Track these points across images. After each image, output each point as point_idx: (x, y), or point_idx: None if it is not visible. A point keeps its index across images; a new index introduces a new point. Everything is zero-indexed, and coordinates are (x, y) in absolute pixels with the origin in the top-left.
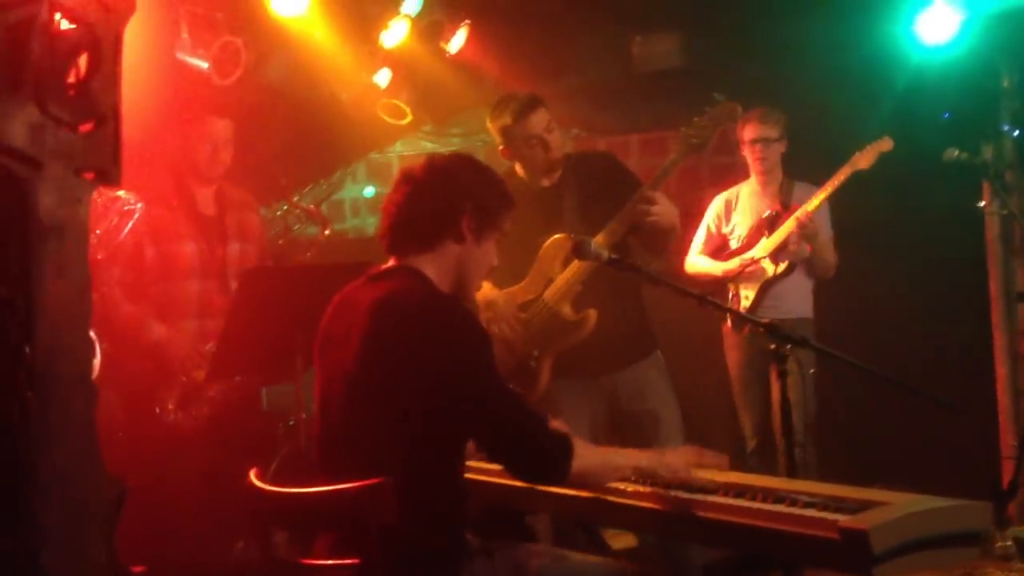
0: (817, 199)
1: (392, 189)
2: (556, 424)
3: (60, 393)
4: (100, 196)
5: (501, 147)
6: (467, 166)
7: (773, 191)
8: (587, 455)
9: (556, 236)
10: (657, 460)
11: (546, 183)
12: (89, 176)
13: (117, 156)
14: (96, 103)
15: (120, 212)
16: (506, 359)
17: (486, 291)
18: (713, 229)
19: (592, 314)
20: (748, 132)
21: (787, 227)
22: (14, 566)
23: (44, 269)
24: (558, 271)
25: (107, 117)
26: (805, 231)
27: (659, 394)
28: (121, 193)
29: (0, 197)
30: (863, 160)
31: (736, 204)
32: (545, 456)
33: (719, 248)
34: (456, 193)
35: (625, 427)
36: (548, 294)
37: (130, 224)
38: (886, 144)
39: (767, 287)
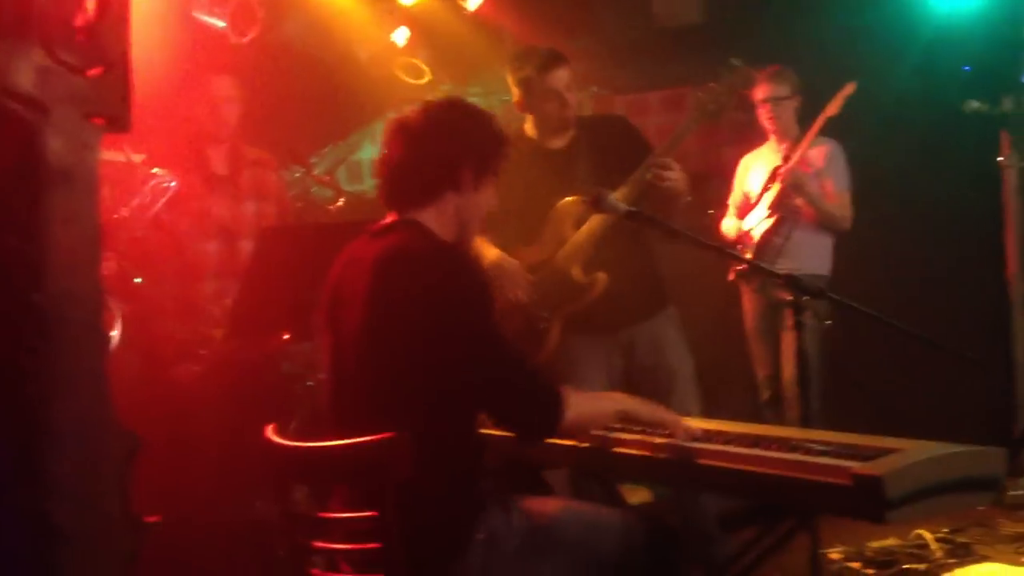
0: (799, 152)
1: (386, 142)
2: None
3: (70, 342)
4: (136, 171)
5: (517, 99)
6: (462, 113)
7: (787, 147)
8: (577, 405)
9: (568, 199)
10: (637, 402)
11: (558, 144)
12: (98, 121)
13: (127, 102)
14: (104, 48)
15: (154, 190)
16: (515, 321)
17: (495, 253)
18: (738, 192)
19: (601, 277)
20: (759, 92)
21: (777, 183)
22: (27, 515)
23: (53, 215)
24: (570, 233)
25: (116, 62)
26: (787, 182)
27: (674, 349)
28: (156, 170)
29: (7, 142)
30: (832, 108)
31: (755, 163)
32: (536, 408)
33: (745, 208)
34: (455, 143)
35: (640, 381)
36: (559, 256)
37: (162, 201)
38: (850, 88)
39: (764, 240)
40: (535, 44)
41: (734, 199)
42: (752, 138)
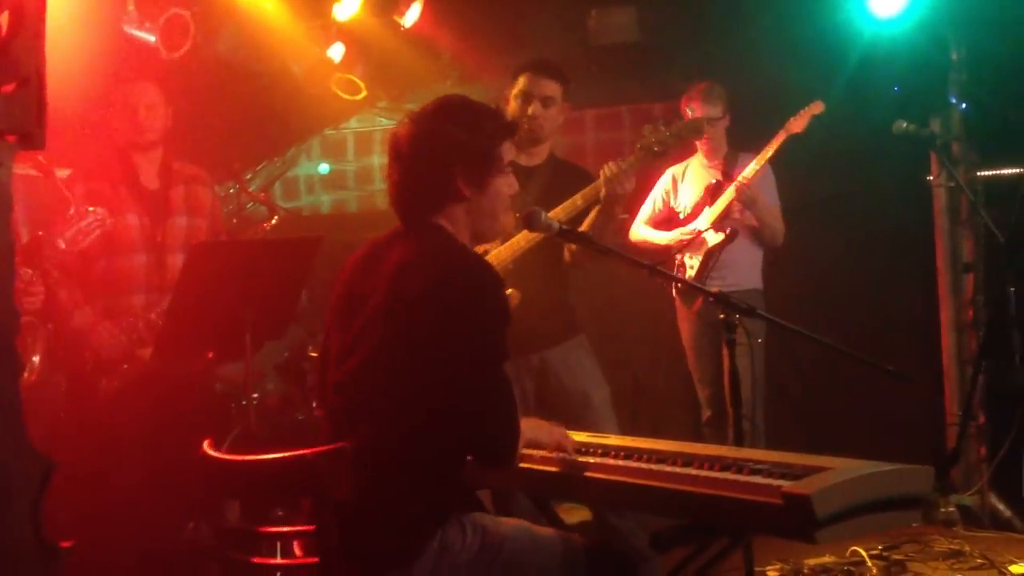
0: (755, 165)
1: (387, 164)
2: None
3: None
4: (72, 207)
5: (504, 96)
6: (449, 120)
7: (718, 163)
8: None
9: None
10: (539, 430)
11: (526, 162)
12: (11, 139)
13: (41, 119)
14: (18, 64)
15: (88, 227)
16: None
17: None
18: (660, 203)
19: (514, 294)
20: (691, 112)
21: (728, 195)
22: None
23: None
24: (494, 247)
25: (30, 78)
26: (743, 197)
27: (589, 374)
28: (92, 209)
29: None
30: (796, 124)
31: (683, 177)
32: (506, 441)
33: (665, 221)
34: (441, 160)
35: (554, 405)
36: None
37: (94, 236)
38: (817, 107)
39: (710, 256)
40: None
41: (652, 210)
42: (689, 154)
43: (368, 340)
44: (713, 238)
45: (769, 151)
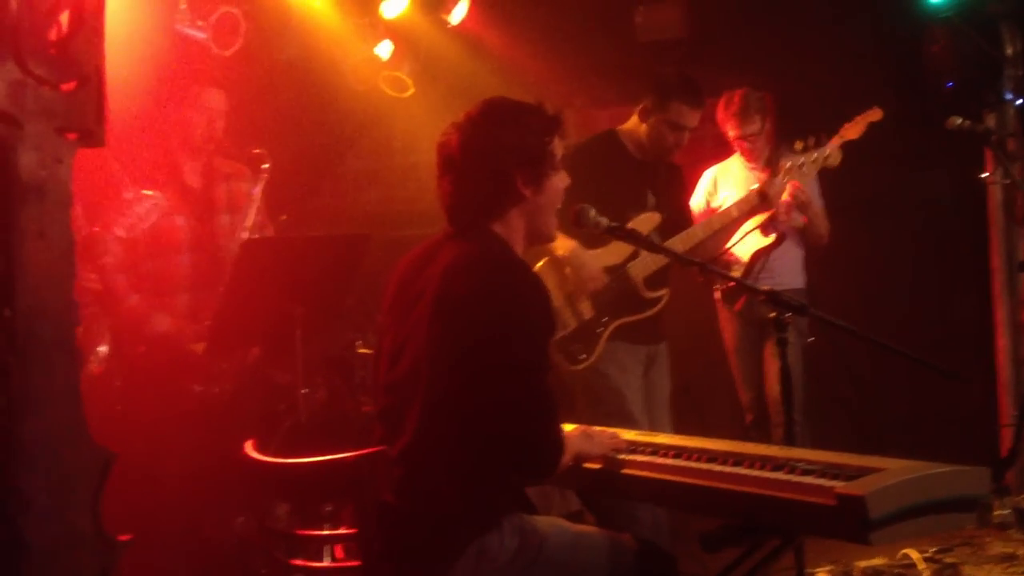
0: (810, 169)
1: (438, 173)
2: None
3: (42, 357)
4: (127, 192)
5: (648, 105)
6: (500, 123)
7: (760, 164)
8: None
9: (648, 213)
10: (583, 439)
11: (642, 158)
12: (71, 136)
13: (100, 116)
14: (78, 62)
15: (145, 210)
16: (571, 320)
17: (574, 245)
18: (702, 204)
19: (666, 294)
20: (730, 128)
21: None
22: None
23: (25, 229)
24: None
25: (90, 77)
26: (798, 201)
27: (668, 373)
28: (146, 192)
29: None
30: (852, 130)
31: (724, 178)
32: (546, 453)
33: None
34: (499, 166)
35: (646, 393)
36: (632, 268)
37: (151, 222)
38: (875, 115)
39: (756, 259)
40: (685, 72)
41: (695, 211)
42: (731, 152)
43: (416, 342)
44: (760, 241)
45: (823, 156)
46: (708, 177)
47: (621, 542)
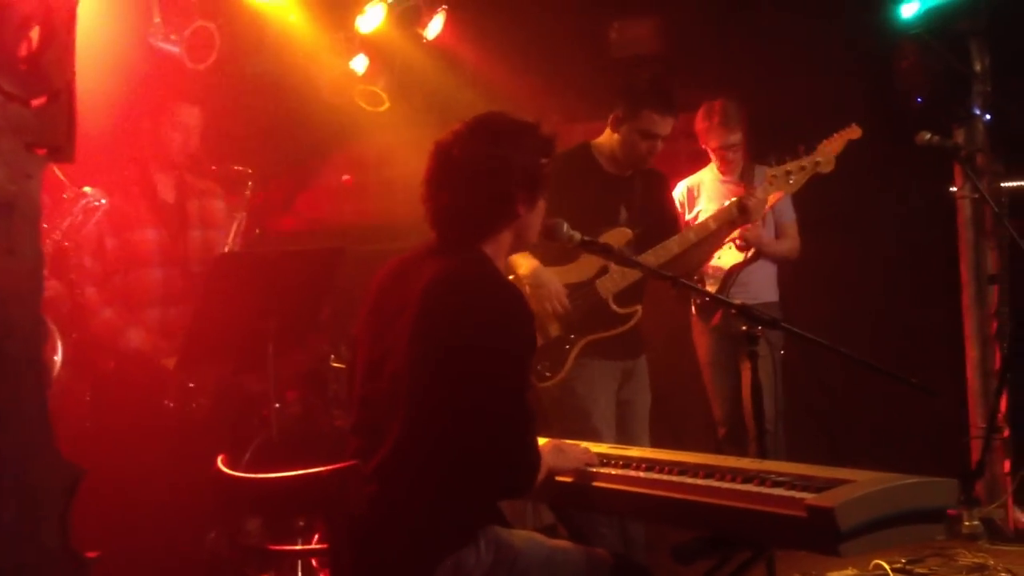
0: (785, 191)
1: (432, 176)
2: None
3: (10, 374)
4: (66, 191)
5: (619, 114)
6: (505, 142)
7: (735, 177)
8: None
9: (619, 228)
10: (563, 455)
11: (616, 172)
12: (41, 152)
13: (71, 132)
14: (49, 78)
15: (85, 208)
16: (540, 336)
17: (531, 264)
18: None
19: (639, 310)
20: (712, 139)
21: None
22: None
23: None
24: (615, 263)
25: (60, 92)
26: (747, 243)
27: (648, 387)
28: (87, 189)
29: None
30: (832, 147)
31: (699, 191)
32: (524, 473)
33: None
34: (504, 187)
35: (617, 406)
36: (601, 284)
37: (93, 219)
38: (854, 132)
39: (730, 275)
40: (660, 75)
41: None
42: (705, 167)
43: (396, 357)
44: (733, 257)
45: (813, 164)
46: (681, 189)
47: (596, 557)
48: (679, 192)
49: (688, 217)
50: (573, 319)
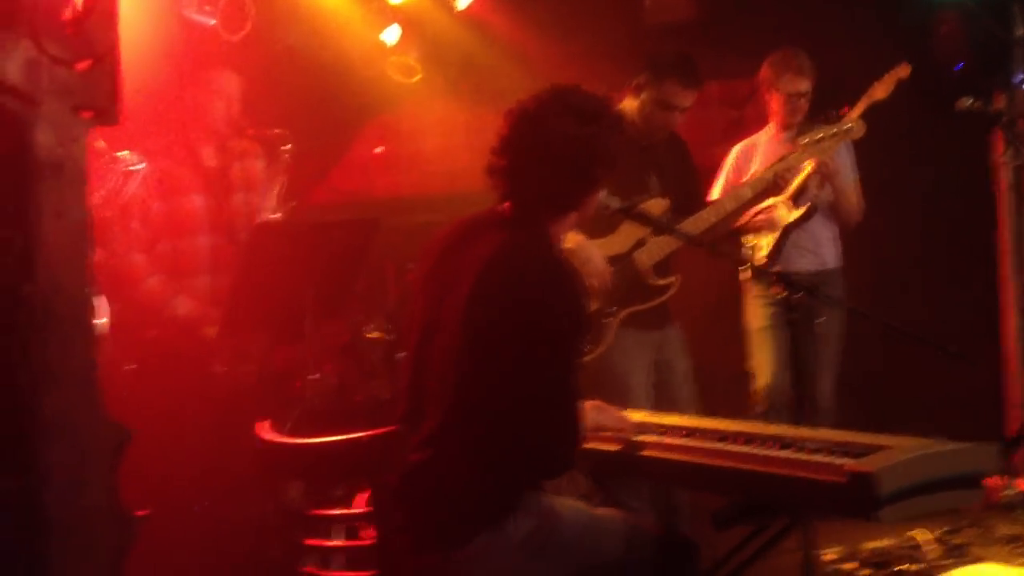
0: (839, 141)
1: (512, 145)
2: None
3: (59, 334)
4: (101, 156)
5: (641, 82)
6: (591, 116)
7: (791, 135)
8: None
9: (656, 199)
10: (597, 413)
11: (641, 140)
12: (87, 115)
13: (115, 95)
14: (93, 41)
15: (123, 172)
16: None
17: (581, 240)
18: (731, 177)
19: (677, 280)
20: (787, 84)
21: (806, 170)
22: (16, 505)
23: (42, 208)
24: (651, 234)
25: (105, 55)
26: (825, 170)
27: (687, 353)
28: (124, 153)
29: None
30: (880, 89)
31: (755, 152)
32: (564, 450)
33: None
34: (590, 165)
35: (659, 373)
36: (639, 255)
37: (132, 184)
38: (904, 70)
39: (786, 234)
40: (682, 50)
41: (719, 185)
42: (746, 134)
43: (449, 327)
44: (788, 215)
45: (843, 130)
46: (737, 151)
47: (640, 527)
48: (734, 153)
49: (744, 179)
50: (613, 292)
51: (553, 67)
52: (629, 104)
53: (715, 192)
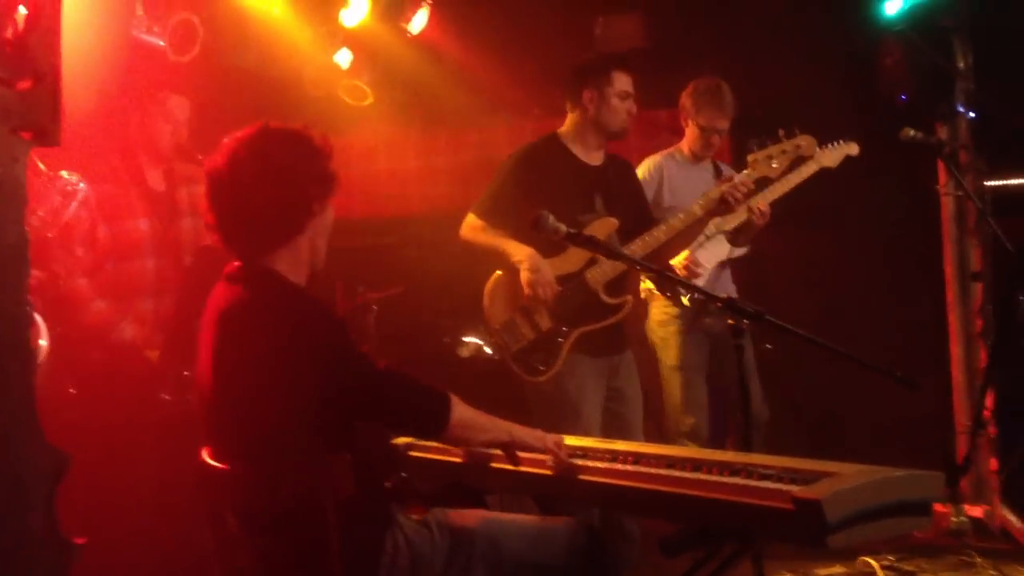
0: (780, 190)
1: (208, 190)
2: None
3: None
4: (39, 176)
5: (592, 92)
6: (284, 143)
7: (705, 165)
8: (464, 408)
9: (604, 218)
10: (527, 431)
11: (593, 161)
12: (27, 135)
13: (56, 115)
14: (34, 60)
15: (62, 192)
16: (528, 332)
17: (531, 251)
18: (653, 196)
19: (630, 300)
20: (707, 119)
21: (742, 211)
22: None
23: None
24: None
25: (46, 75)
26: (764, 218)
27: (637, 379)
28: (63, 173)
29: None
30: (829, 158)
31: (678, 172)
32: (428, 404)
33: None
34: (299, 181)
35: (610, 400)
36: (590, 274)
37: (73, 204)
38: (853, 149)
39: (722, 268)
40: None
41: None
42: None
43: (210, 385)
44: (729, 250)
45: (796, 180)
46: (656, 169)
47: (550, 523)
48: (655, 172)
49: (670, 202)
50: (565, 311)
51: (503, 91)
52: (575, 123)
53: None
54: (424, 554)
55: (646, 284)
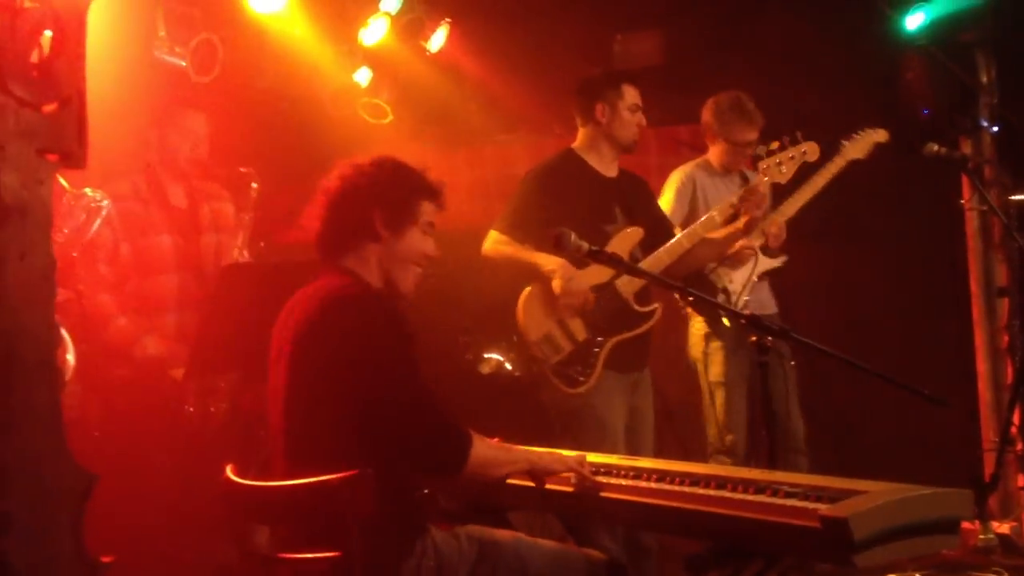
0: (808, 194)
1: (314, 203)
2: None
3: (22, 378)
4: (65, 195)
5: (604, 106)
6: (375, 170)
7: (732, 176)
8: (482, 446)
9: (631, 228)
10: (547, 454)
11: (611, 173)
12: (53, 157)
13: (82, 137)
14: (60, 84)
15: (87, 209)
16: (565, 343)
17: (565, 263)
18: (688, 209)
19: (659, 308)
20: (737, 134)
21: (771, 221)
22: None
23: (6, 250)
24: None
25: (71, 98)
26: (781, 239)
27: (651, 396)
28: (87, 191)
29: None
30: (855, 150)
31: (710, 184)
32: (446, 446)
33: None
34: (361, 199)
35: (629, 417)
36: (621, 283)
37: (98, 221)
38: (880, 135)
39: (761, 281)
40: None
41: (680, 216)
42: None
43: (288, 380)
44: (766, 263)
45: (824, 179)
46: (689, 178)
47: (570, 551)
48: (687, 183)
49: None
50: (599, 320)
51: (522, 109)
52: (588, 137)
53: (675, 218)
54: (451, 561)
55: None
